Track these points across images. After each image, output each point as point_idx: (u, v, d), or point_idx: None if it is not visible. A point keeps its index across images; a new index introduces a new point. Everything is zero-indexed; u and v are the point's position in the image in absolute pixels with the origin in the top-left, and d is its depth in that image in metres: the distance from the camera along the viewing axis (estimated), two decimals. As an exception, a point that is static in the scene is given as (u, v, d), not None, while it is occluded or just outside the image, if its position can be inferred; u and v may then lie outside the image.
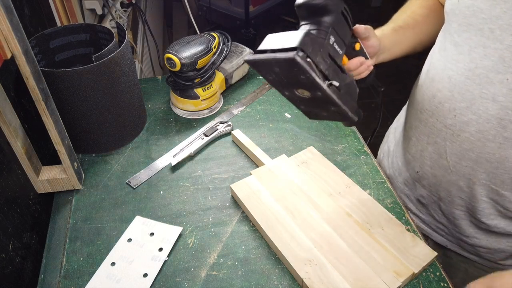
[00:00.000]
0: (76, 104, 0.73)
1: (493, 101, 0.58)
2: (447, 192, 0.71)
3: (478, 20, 0.58)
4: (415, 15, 0.75)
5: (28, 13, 0.81)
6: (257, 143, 0.81)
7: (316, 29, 0.53)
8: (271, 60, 0.50)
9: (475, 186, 0.66)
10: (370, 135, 0.84)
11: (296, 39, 0.47)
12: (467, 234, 0.72)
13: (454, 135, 0.64)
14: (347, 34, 0.56)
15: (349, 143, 0.84)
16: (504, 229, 0.68)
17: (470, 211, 0.70)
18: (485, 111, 0.59)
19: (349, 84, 0.55)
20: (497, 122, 0.59)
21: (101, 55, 0.71)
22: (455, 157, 0.66)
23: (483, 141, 0.61)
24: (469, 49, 0.60)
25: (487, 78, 0.58)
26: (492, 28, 0.56)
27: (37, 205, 0.73)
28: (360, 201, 0.69)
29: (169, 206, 0.72)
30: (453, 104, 0.63)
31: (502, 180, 0.63)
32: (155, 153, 0.82)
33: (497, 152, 0.61)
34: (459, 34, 0.61)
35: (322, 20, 0.53)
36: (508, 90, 0.56)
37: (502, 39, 0.55)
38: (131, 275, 0.61)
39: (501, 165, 0.61)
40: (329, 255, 0.61)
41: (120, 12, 1.34)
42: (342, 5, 0.54)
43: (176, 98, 0.90)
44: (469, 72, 0.60)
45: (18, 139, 0.64)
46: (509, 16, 0.54)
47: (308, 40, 0.48)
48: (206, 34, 0.89)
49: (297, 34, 0.48)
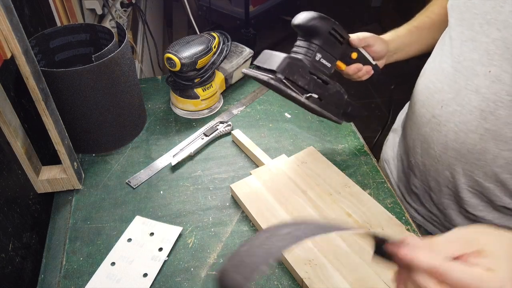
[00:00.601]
0: (76, 104, 0.73)
1: (476, 93, 0.60)
2: (435, 182, 0.72)
3: (471, 15, 0.60)
4: (432, 14, 0.77)
5: (28, 13, 0.81)
6: (257, 143, 0.81)
7: (305, 47, 0.64)
8: (257, 78, 0.63)
9: (458, 176, 0.67)
10: (370, 135, 0.85)
11: (276, 63, 0.60)
12: (456, 224, 0.74)
13: (441, 125, 0.66)
14: (337, 49, 0.65)
15: (349, 143, 0.84)
16: (491, 221, 0.69)
17: (457, 201, 0.71)
18: (468, 102, 0.61)
19: (333, 93, 0.65)
20: (479, 113, 0.60)
21: (101, 55, 0.71)
22: (441, 147, 0.67)
23: (466, 132, 0.62)
24: (460, 43, 0.62)
25: (473, 70, 0.60)
26: (481, 23, 0.58)
27: (37, 205, 0.73)
28: (360, 201, 0.69)
29: (169, 206, 0.72)
30: (442, 95, 0.65)
31: (484, 172, 0.64)
32: (155, 153, 0.82)
33: (478, 143, 0.62)
34: (454, 28, 0.64)
35: (311, 39, 0.63)
36: (490, 82, 0.58)
37: (489, 33, 0.57)
38: (131, 275, 0.61)
39: (482, 157, 0.63)
40: (329, 255, 0.61)
41: (120, 12, 1.34)
42: (329, 26, 0.63)
43: (176, 98, 0.90)
44: (458, 64, 0.62)
45: (18, 139, 0.64)
46: (497, 12, 0.56)
47: (285, 63, 0.59)
48: (206, 34, 0.89)
49: (279, 58, 0.60)
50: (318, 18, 0.62)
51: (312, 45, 0.63)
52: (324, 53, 0.64)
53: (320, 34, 0.62)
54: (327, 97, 0.64)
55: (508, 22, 0.54)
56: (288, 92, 0.60)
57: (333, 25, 0.63)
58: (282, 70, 0.59)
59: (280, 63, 0.59)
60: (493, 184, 0.65)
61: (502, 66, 0.56)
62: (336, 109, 0.66)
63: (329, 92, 0.64)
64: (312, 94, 0.62)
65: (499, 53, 0.56)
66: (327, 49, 0.64)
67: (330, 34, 0.63)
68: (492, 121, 0.59)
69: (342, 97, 0.66)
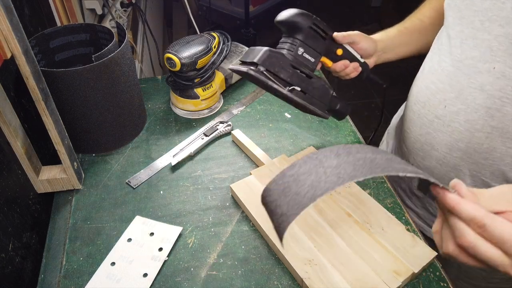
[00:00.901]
0: (76, 104, 0.73)
1: (481, 91, 0.59)
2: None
3: (470, 12, 0.59)
4: (423, 17, 0.78)
5: (28, 13, 0.81)
6: (257, 143, 0.81)
7: (288, 43, 0.65)
8: (239, 71, 0.64)
9: (464, 177, 0.67)
10: (370, 135, 0.85)
11: (257, 55, 0.61)
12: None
13: (444, 125, 0.65)
14: (321, 44, 0.67)
15: (349, 143, 0.84)
16: None
17: None
18: (473, 101, 0.60)
19: (318, 87, 0.66)
20: (485, 111, 0.60)
21: (101, 55, 0.71)
22: (445, 148, 0.67)
23: (472, 131, 0.62)
24: (460, 42, 0.62)
25: (475, 68, 0.59)
26: (482, 20, 0.58)
27: (37, 205, 0.73)
28: (360, 201, 0.69)
29: (169, 206, 0.72)
30: (444, 95, 0.65)
31: (491, 171, 0.63)
32: (155, 153, 0.82)
33: (485, 142, 0.61)
34: (453, 27, 0.63)
35: (294, 35, 0.65)
36: (494, 78, 0.57)
37: (491, 30, 0.57)
38: (131, 275, 0.61)
39: (489, 156, 0.62)
40: (329, 255, 0.61)
41: (120, 12, 1.34)
42: (310, 21, 0.64)
43: (176, 98, 0.90)
44: (459, 63, 0.62)
45: (18, 139, 0.64)
46: (498, 8, 0.56)
47: (266, 55, 0.61)
48: (206, 34, 0.89)
49: (259, 51, 0.62)
50: (298, 14, 0.64)
51: (295, 40, 0.65)
52: (306, 48, 0.65)
53: (301, 29, 0.64)
54: (311, 91, 0.65)
55: (511, 18, 0.54)
56: (269, 83, 0.61)
57: (314, 20, 0.65)
58: (263, 61, 0.61)
59: (261, 55, 0.61)
60: (500, 183, 0.64)
61: (506, 62, 0.56)
62: (321, 103, 0.67)
63: (313, 86, 0.65)
64: (295, 87, 0.63)
65: (503, 49, 0.56)
66: (309, 44, 0.65)
67: (311, 29, 0.65)
68: (498, 118, 0.59)
69: (327, 92, 0.68)
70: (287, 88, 0.62)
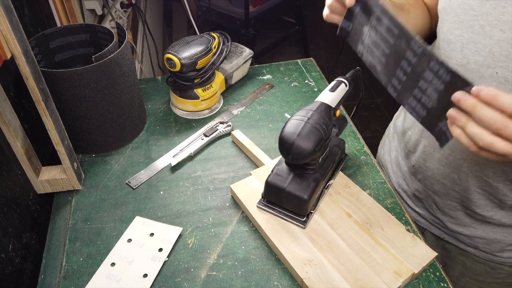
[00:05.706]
0: (76, 104, 0.73)
1: None
2: (441, 185, 0.72)
3: (469, 17, 0.59)
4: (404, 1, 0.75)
5: (28, 13, 0.81)
6: (257, 143, 0.81)
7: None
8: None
9: (468, 178, 0.67)
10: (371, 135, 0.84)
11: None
12: (463, 224, 0.73)
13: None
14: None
15: (349, 143, 0.84)
16: (499, 220, 0.69)
17: (464, 203, 0.71)
18: None
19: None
20: None
21: (101, 55, 0.71)
22: (447, 149, 0.67)
23: None
24: (461, 46, 0.61)
25: (478, 73, 0.59)
26: (482, 25, 0.57)
27: (37, 206, 0.73)
28: (360, 201, 0.69)
29: (169, 206, 0.72)
30: None
31: (494, 171, 0.64)
32: (155, 153, 0.82)
33: None
34: (451, 31, 0.63)
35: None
36: (497, 83, 0.57)
37: (492, 35, 0.56)
38: (131, 275, 0.61)
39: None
40: (329, 255, 0.61)
41: (120, 12, 1.34)
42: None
43: (176, 98, 0.90)
44: (461, 68, 0.61)
45: (18, 139, 0.64)
46: (499, 12, 0.55)
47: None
48: (206, 35, 0.89)
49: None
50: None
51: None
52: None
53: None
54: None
55: None
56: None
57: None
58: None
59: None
60: (502, 184, 0.64)
61: (508, 68, 0.56)
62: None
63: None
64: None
65: (505, 54, 0.55)
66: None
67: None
68: None
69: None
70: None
